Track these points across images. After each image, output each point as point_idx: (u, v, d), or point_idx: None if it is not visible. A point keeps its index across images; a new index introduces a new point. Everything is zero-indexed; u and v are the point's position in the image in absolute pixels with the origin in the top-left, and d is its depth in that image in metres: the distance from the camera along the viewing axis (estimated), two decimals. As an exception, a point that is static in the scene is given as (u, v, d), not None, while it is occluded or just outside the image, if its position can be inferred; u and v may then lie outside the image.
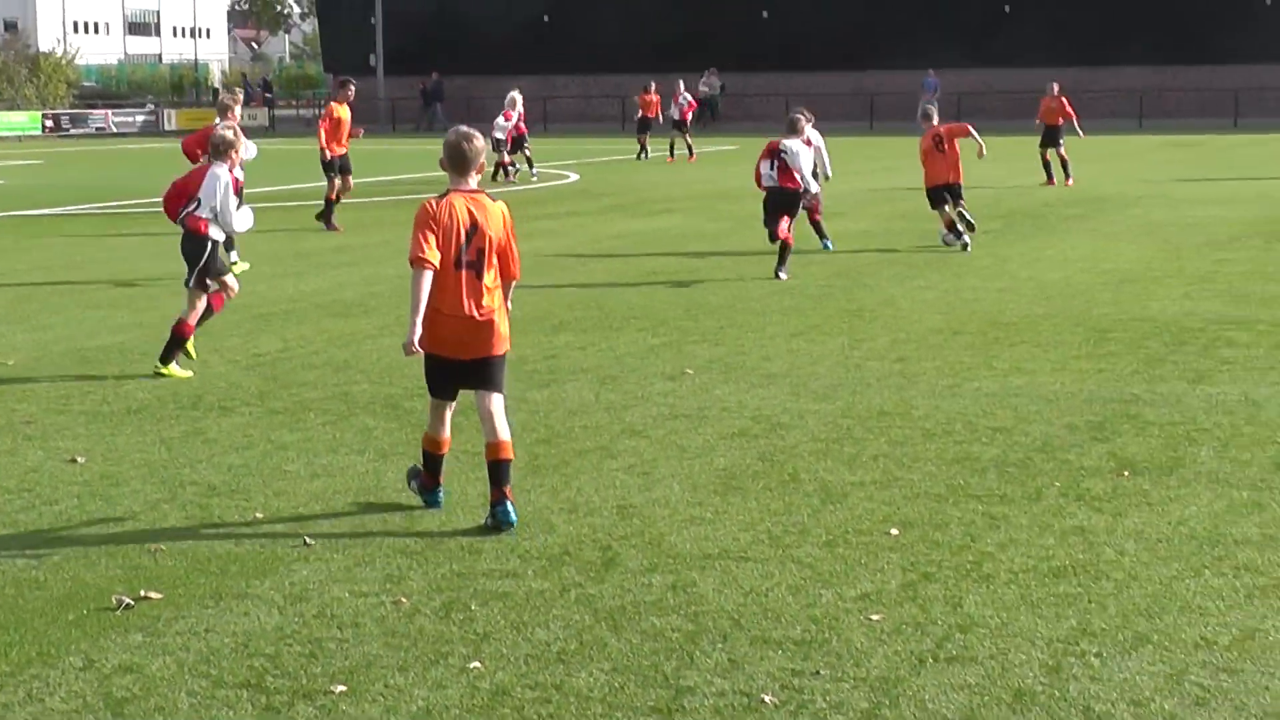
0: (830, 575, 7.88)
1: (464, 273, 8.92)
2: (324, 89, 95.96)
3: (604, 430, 11.17)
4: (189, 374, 13.39)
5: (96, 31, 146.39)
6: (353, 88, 27.88)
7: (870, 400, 12.01)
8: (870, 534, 8.55)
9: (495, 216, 9.10)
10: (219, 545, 8.52)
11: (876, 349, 14.22)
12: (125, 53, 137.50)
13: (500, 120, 36.99)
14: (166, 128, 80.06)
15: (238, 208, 13.91)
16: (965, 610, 7.33)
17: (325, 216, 26.49)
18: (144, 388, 12.88)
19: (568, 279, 19.41)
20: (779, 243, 19.41)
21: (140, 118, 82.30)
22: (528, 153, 38.14)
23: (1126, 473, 9.70)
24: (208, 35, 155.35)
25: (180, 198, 14.11)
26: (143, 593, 7.69)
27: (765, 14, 77.89)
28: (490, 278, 9.05)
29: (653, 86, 49.90)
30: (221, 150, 13.59)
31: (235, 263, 19.71)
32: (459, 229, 8.94)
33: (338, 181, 26.45)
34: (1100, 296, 17.21)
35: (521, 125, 37.58)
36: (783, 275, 19.20)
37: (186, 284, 13.84)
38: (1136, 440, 10.57)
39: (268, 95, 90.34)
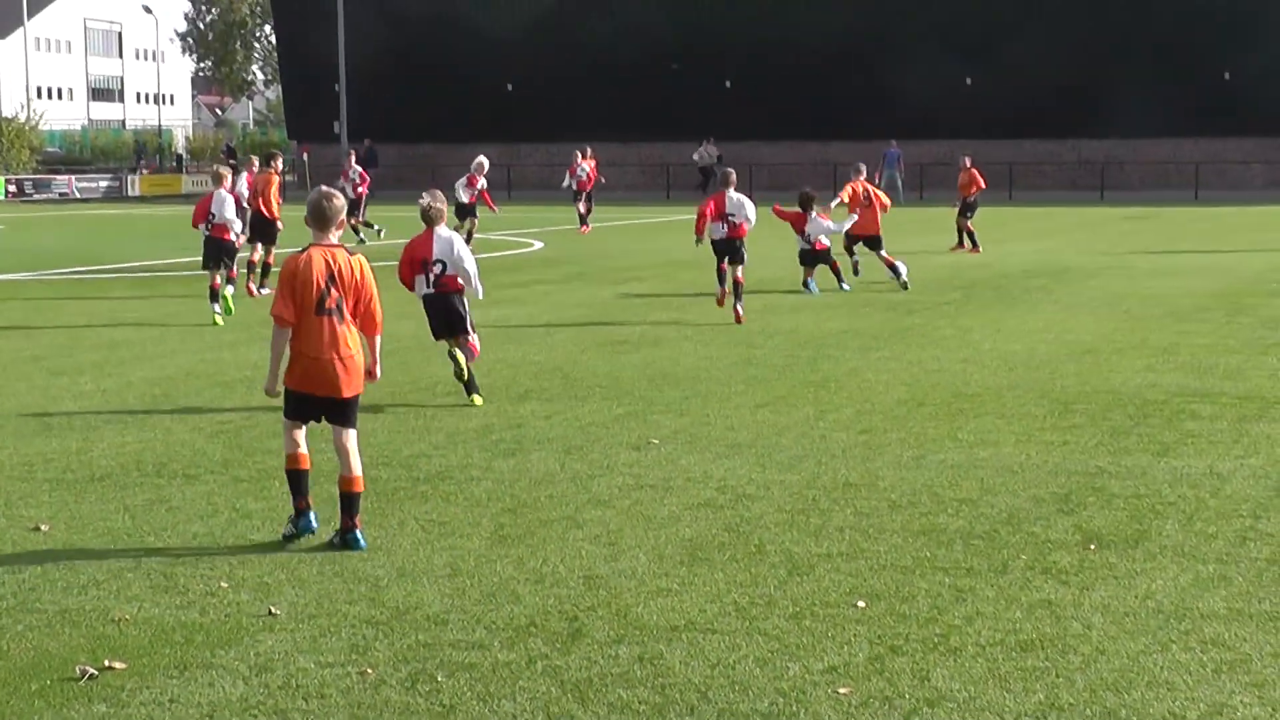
0: (797, 648, 7.87)
1: (324, 319, 9.92)
2: (288, 156, 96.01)
3: (570, 500, 11.15)
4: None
5: (60, 97, 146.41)
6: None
7: (836, 471, 12.03)
8: (837, 606, 8.55)
9: (352, 269, 10.04)
10: (183, 615, 8.48)
11: (842, 420, 14.24)
12: (89, 118, 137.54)
13: (460, 183, 36.90)
14: (130, 193, 80.00)
15: None
16: (933, 684, 7.33)
17: (264, 277, 27.34)
18: (107, 455, 12.82)
19: (532, 348, 19.42)
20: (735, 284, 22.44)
21: (104, 183, 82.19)
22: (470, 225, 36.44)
23: (1093, 546, 9.72)
24: (171, 101, 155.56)
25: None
26: (107, 663, 7.64)
27: (728, 84, 78.26)
28: (349, 324, 10.03)
29: (588, 151, 48.64)
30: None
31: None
32: (318, 280, 9.90)
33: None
34: (1063, 368, 17.28)
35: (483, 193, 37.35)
36: (739, 308, 22.19)
37: None
38: (1102, 513, 10.60)
39: (231, 162, 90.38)
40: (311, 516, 10.14)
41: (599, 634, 8.11)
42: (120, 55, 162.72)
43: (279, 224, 28.06)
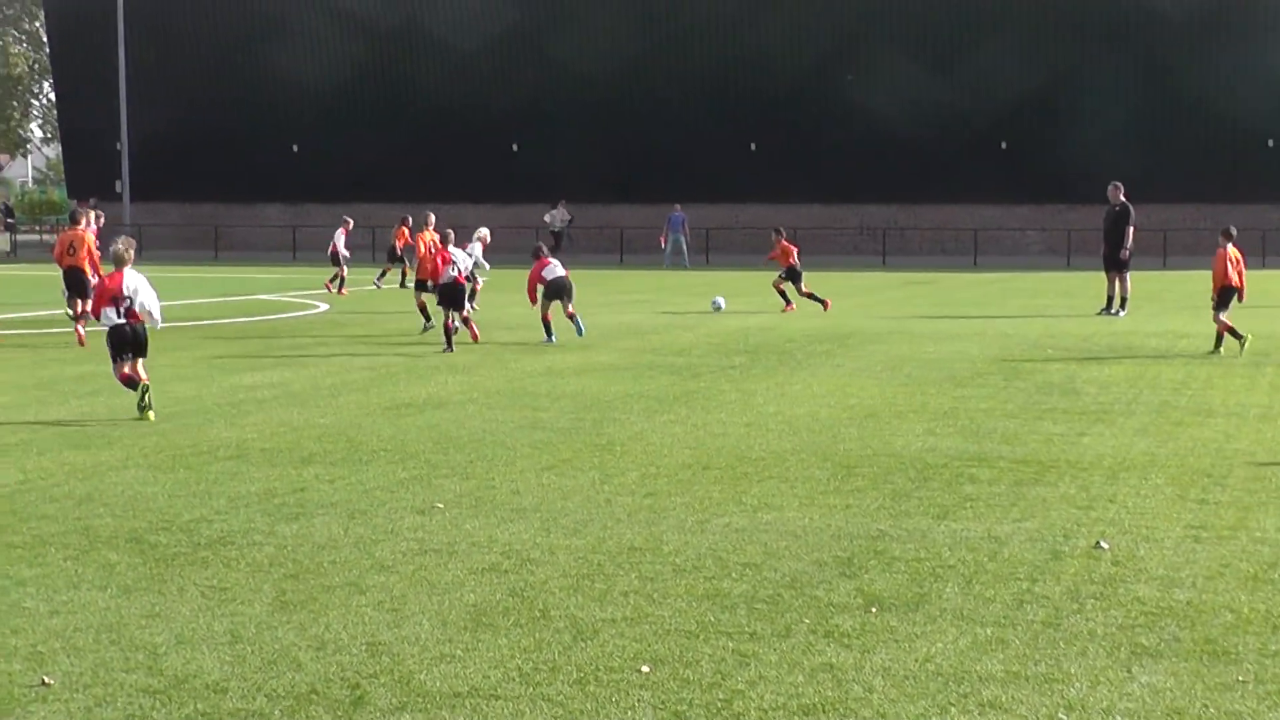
0: (581, 713, 7.86)
1: None
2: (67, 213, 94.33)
3: (353, 565, 11.05)
4: None
5: None
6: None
7: (621, 535, 12.05)
8: (621, 671, 8.55)
9: None
10: (-48, 686, 8.24)
11: (626, 484, 14.28)
12: None
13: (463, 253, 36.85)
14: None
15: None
16: (716, 748, 7.35)
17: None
18: (-126, 521, 12.46)
19: (316, 411, 19.23)
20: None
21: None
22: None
23: (874, 609, 9.84)
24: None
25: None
26: None
27: (515, 147, 78.45)
28: None
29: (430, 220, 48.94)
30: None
31: None
32: None
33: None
34: (845, 432, 17.50)
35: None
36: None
37: None
38: (884, 576, 10.73)
39: (9, 220, 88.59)
40: None
41: (381, 701, 8.03)
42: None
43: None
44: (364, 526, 12.36)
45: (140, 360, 19.17)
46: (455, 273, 28.22)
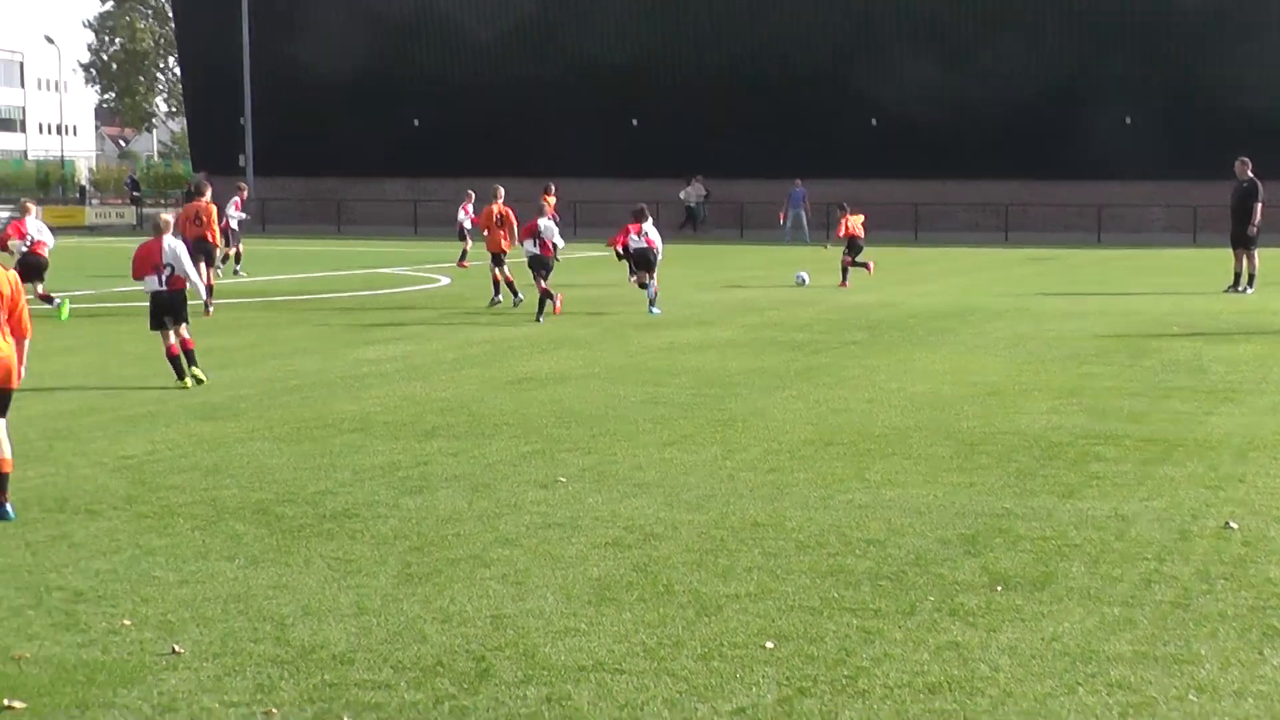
0: (705, 689, 7.86)
1: None
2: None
3: (477, 539, 11.10)
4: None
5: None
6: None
7: (743, 511, 12.03)
8: (745, 647, 8.54)
9: (8, 283, 11.74)
10: (85, 653, 8.37)
11: (749, 459, 14.25)
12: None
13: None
14: (31, 224, 79.10)
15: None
16: (842, 725, 7.33)
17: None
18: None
19: (438, 385, 19.34)
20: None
21: (4, 214, 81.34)
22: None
23: (999, 587, 9.77)
24: (74, 132, 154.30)
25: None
26: (6, 702, 7.53)
27: (635, 121, 78.43)
28: (5, 330, 11.64)
29: (553, 188, 49.76)
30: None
31: None
32: None
33: None
34: (968, 409, 17.37)
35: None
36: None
37: None
38: (1008, 555, 10.65)
39: (135, 193, 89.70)
40: (8, 508, 11.56)
41: (506, 674, 8.06)
42: (22, 85, 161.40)
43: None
44: (487, 500, 12.41)
45: (183, 325, 19.50)
46: (536, 247, 29.19)
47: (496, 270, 31.77)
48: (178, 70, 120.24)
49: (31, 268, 28.60)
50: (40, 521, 11.55)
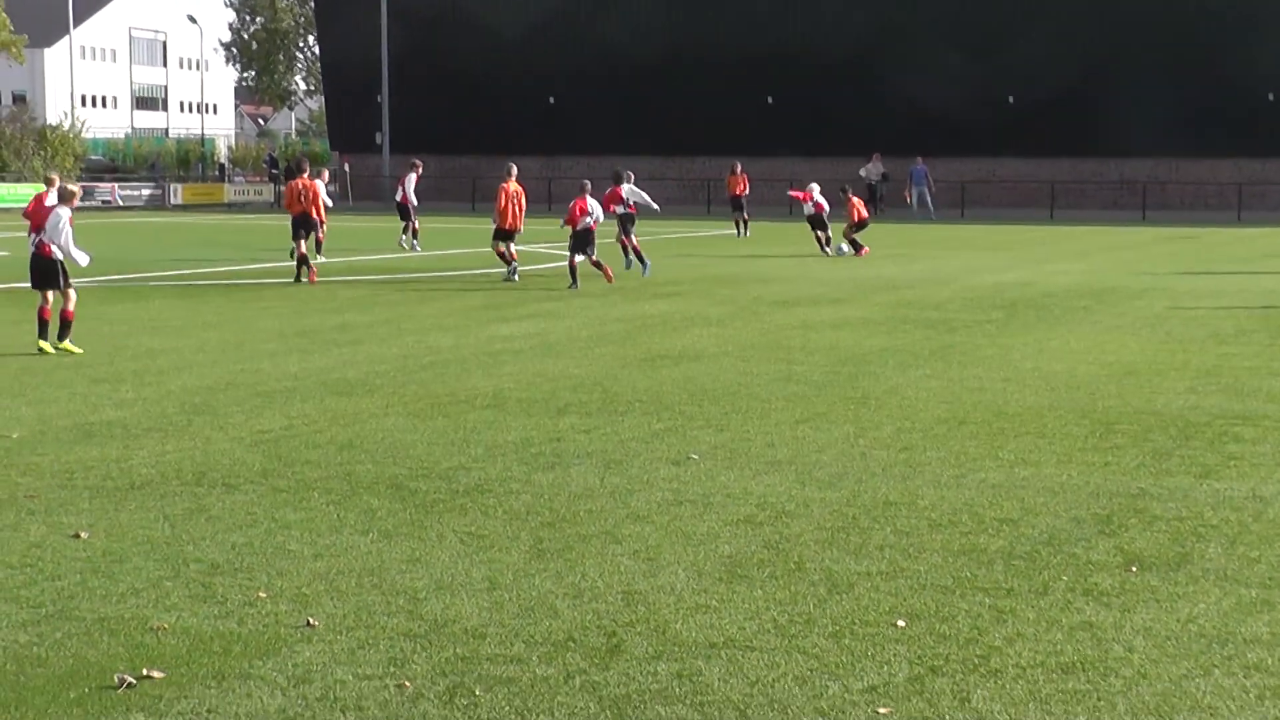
0: (837, 667, 7.84)
1: None
2: (329, 165, 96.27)
3: (609, 515, 11.12)
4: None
5: (104, 105, 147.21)
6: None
7: (876, 489, 11.98)
8: (877, 625, 8.51)
9: None
10: (222, 624, 8.48)
11: (881, 438, 14.19)
12: (133, 126, 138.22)
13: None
14: (172, 202, 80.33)
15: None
16: (973, 705, 7.28)
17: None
18: (147, 463, 12.85)
19: (571, 362, 19.40)
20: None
21: (146, 191, 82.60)
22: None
23: (1134, 568, 9.66)
24: (214, 110, 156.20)
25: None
26: (145, 671, 7.64)
27: (770, 99, 78.23)
28: None
29: (738, 167, 51.72)
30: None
31: None
32: None
33: None
34: (1104, 389, 17.19)
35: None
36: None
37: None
38: (1144, 535, 10.53)
39: (274, 171, 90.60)
40: None
41: (638, 650, 8.08)
42: (164, 64, 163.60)
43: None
44: (619, 476, 12.44)
45: (55, 292, 20.55)
46: (590, 221, 31.00)
47: (500, 244, 32.70)
48: (316, 49, 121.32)
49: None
50: (178, 495, 11.71)
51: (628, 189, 33.24)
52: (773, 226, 57.85)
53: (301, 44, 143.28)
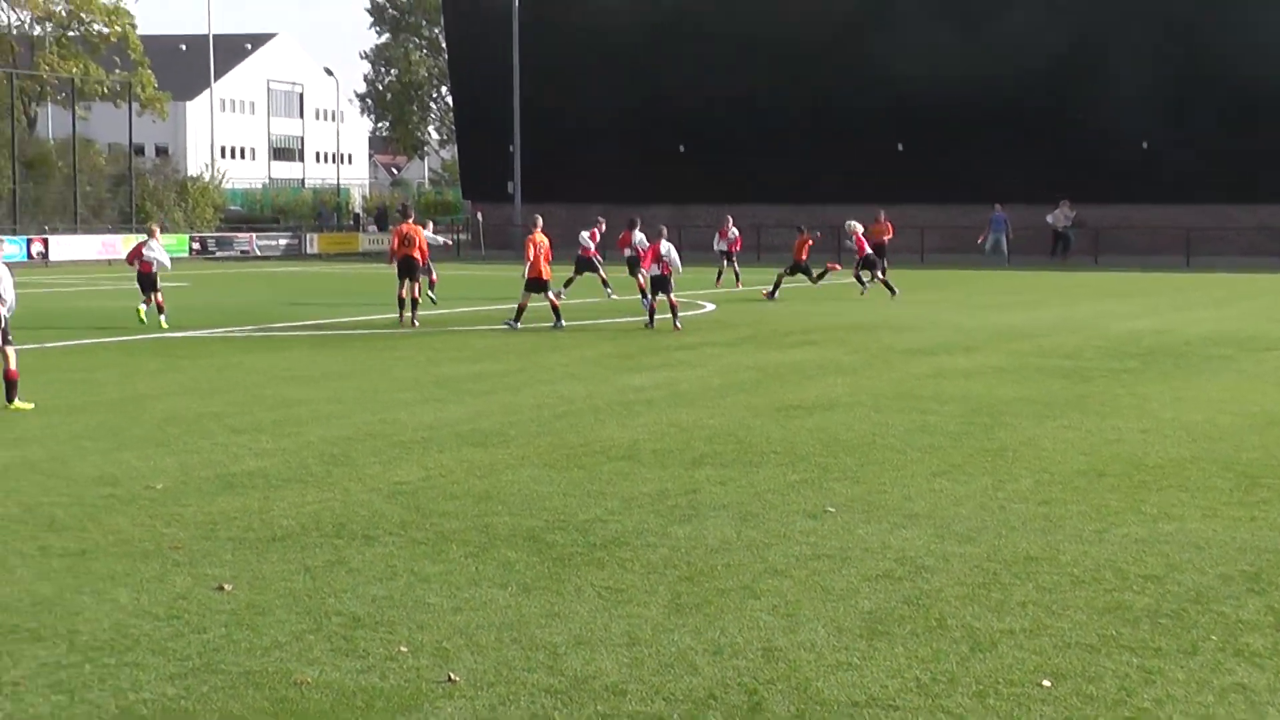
0: (982, 727, 7.74)
1: None
2: (462, 214, 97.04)
3: (746, 569, 11.07)
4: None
5: (242, 156, 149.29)
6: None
7: (1016, 544, 11.84)
8: (1021, 685, 8.40)
9: None
10: (364, 679, 8.51)
11: (1020, 490, 14.04)
12: (270, 177, 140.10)
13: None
14: (308, 251, 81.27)
15: None
16: (1122, 768, 7.16)
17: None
18: (287, 514, 12.95)
19: (705, 412, 19.37)
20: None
21: (283, 241, 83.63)
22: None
23: (1285, 627, 9.48)
24: (349, 161, 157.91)
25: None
26: (289, 727, 7.69)
27: (900, 146, 77.98)
28: None
29: (882, 215, 52.21)
30: None
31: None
32: None
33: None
34: (1247, 440, 16.92)
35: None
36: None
37: None
38: (1293, 593, 10.33)
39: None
40: None
41: (779, 708, 8.02)
42: (301, 116, 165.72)
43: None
44: (756, 530, 12.39)
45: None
46: (658, 269, 32.79)
47: (529, 296, 33.37)
48: (449, 100, 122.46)
49: (145, 281, 33.71)
50: (319, 546, 11.79)
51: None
52: (904, 274, 57.60)
53: (435, 95, 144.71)
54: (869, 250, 44.97)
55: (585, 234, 44.13)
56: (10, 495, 13.73)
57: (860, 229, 45.51)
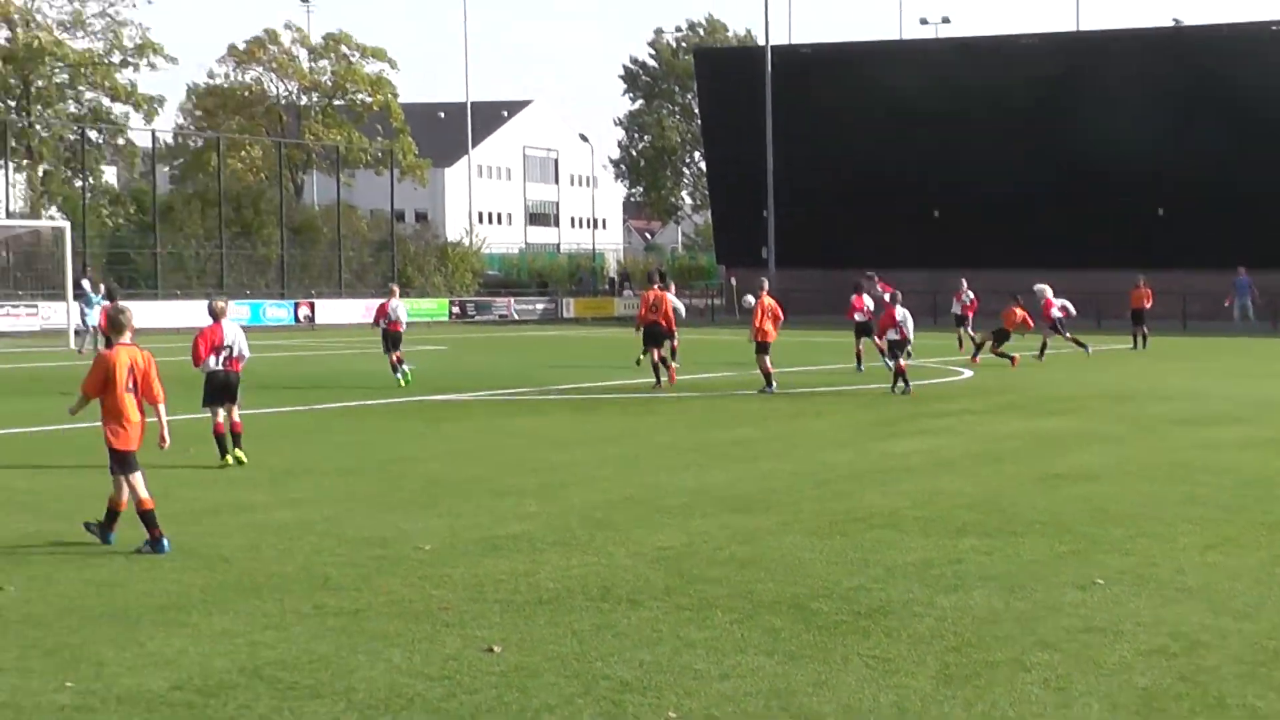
0: (1267, 810, 7.53)
1: (131, 395, 14.32)
2: (715, 279, 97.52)
3: (1015, 640, 10.91)
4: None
5: (499, 222, 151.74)
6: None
7: (1297, 621, 11.52)
8: (1307, 767, 8.16)
9: (142, 359, 14.49)
10: (634, 745, 8.54)
11: (1298, 565, 13.66)
12: (526, 241, 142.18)
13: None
14: (565, 315, 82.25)
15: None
16: None
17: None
18: (553, 577, 13.07)
19: (966, 480, 19.17)
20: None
21: (540, 305, 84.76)
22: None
23: None
24: (604, 225, 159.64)
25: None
26: (562, 792, 7.74)
27: (1160, 211, 76.71)
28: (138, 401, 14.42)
29: (1142, 280, 51.69)
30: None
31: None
32: (124, 369, 14.31)
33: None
34: None
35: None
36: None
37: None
38: None
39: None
40: (111, 537, 14.37)
41: (1055, 785, 7.89)
42: (556, 181, 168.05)
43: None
44: (1024, 601, 12.21)
45: (234, 407, 20.96)
46: (895, 334, 32.78)
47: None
48: (702, 165, 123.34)
49: (390, 338, 35.52)
50: (585, 610, 11.88)
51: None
52: (1171, 341, 56.59)
53: (688, 160, 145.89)
54: (1054, 315, 44.87)
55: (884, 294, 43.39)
56: (287, 555, 14.07)
57: (1049, 291, 45.02)
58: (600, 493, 18.11)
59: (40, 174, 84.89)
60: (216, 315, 21.20)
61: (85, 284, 51.47)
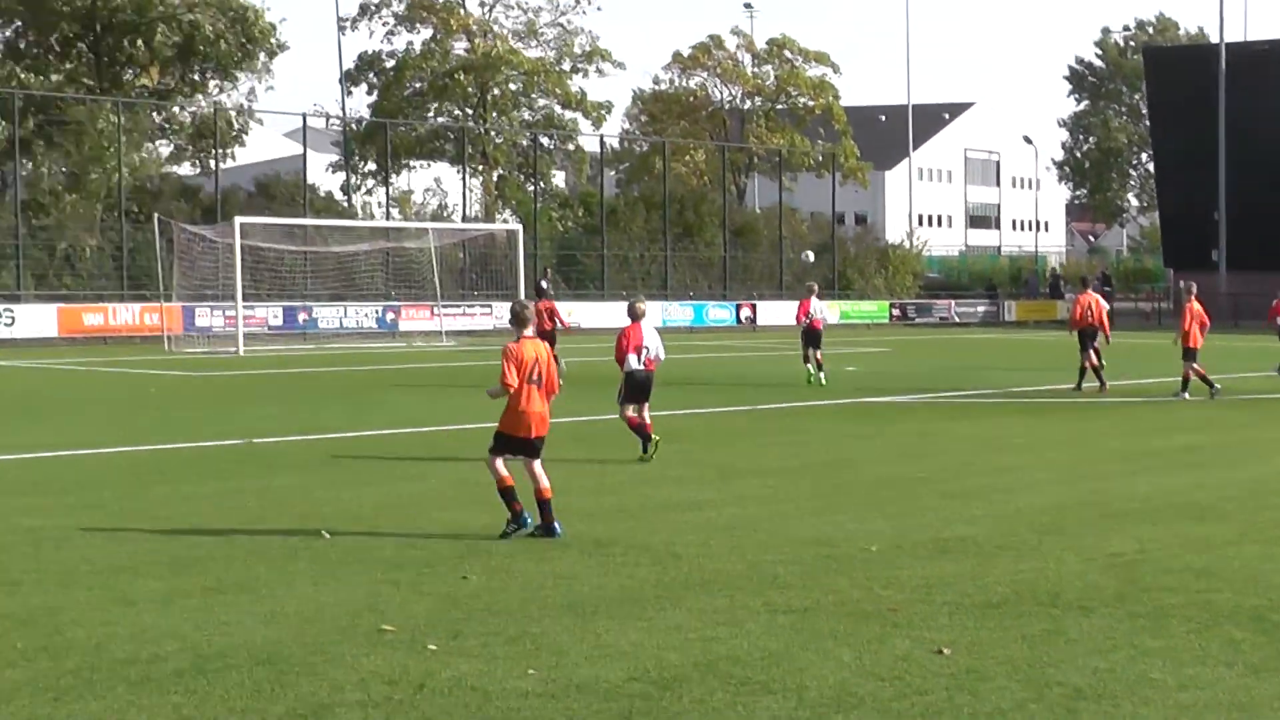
0: None
1: (532, 387, 14.98)
2: (1162, 283, 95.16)
3: None
4: None
5: (939, 224, 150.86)
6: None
7: None
8: None
9: (545, 352, 15.23)
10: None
11: None
12: (966, 244, 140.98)
13: None
14: (1006, 318, 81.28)
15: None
16: None
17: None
18: (1001, 581, 12.93)
19: None
20: None
21: (981, 308, 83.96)
22: None
23: None
24: (1045, 228, 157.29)
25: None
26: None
27: None
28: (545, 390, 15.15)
29: None
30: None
31: None
32: (530, 361, 15.00)
33: None
34: None
35: None
36: None
37: None
38: None
39: (1106, 289, 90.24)
40: (525, 516, 14.85)
41: None
42: (998, 184, 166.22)
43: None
44: None
45: (646, 406, 21.64)
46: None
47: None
48: (1150, 167, 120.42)
49: (811, 337, 35.99)
50: (1034, 615, 11.72)
51: None
52: None
53: (1134, 161, 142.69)
54: None
55: None
56: (735, 552, 14.25)
57: None
58: (1047, 497, 17.85)
59: (495, 179, 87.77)
60: (636, 316, 21.74)
61: (544, 284, 53.50)
